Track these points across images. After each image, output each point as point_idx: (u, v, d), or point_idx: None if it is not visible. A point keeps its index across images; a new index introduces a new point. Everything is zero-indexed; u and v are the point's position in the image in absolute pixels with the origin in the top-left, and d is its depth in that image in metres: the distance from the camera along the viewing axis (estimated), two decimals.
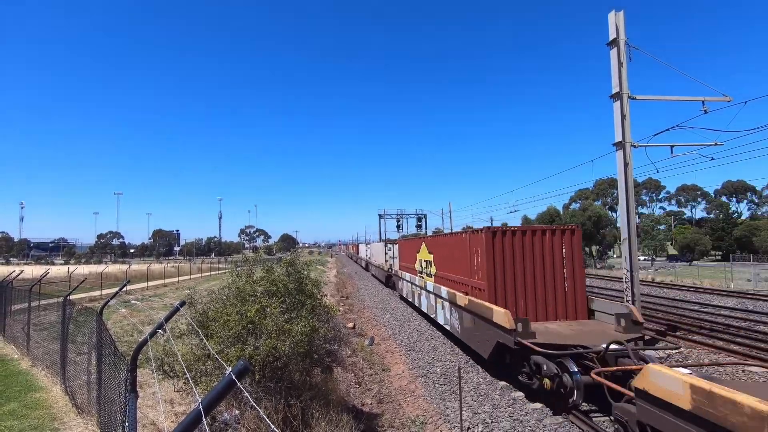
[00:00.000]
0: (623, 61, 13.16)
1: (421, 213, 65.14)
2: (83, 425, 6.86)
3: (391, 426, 8.52)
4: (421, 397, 9.97)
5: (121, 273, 41.70)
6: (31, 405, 8.10)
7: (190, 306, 7.66)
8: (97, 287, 29.56)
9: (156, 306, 22.10)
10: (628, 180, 13.06)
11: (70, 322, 8.62)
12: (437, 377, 11.11)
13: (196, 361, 6.70)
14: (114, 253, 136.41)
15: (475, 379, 10.71)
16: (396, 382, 11.27)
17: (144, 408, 7.33)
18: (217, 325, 6.80)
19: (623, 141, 13.05)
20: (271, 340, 6.47)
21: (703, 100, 13.62)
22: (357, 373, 11.67)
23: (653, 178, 55.70)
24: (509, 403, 8.98)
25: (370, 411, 9.23)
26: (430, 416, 8.86)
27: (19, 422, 7.25)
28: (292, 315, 7.27)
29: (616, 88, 13.21)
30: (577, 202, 66.05)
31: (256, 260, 9.86)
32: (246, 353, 6.24)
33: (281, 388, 6.82)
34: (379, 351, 14.38)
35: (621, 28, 13.13)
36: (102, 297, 25.96)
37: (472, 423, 8.20)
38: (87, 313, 8.25)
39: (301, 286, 8.35)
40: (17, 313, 14.44)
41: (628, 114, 13.12)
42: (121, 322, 17.10)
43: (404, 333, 16.49)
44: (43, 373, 10.08)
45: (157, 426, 6.69)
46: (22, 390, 9.02)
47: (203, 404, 1.65)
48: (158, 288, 35.19)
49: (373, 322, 19.53)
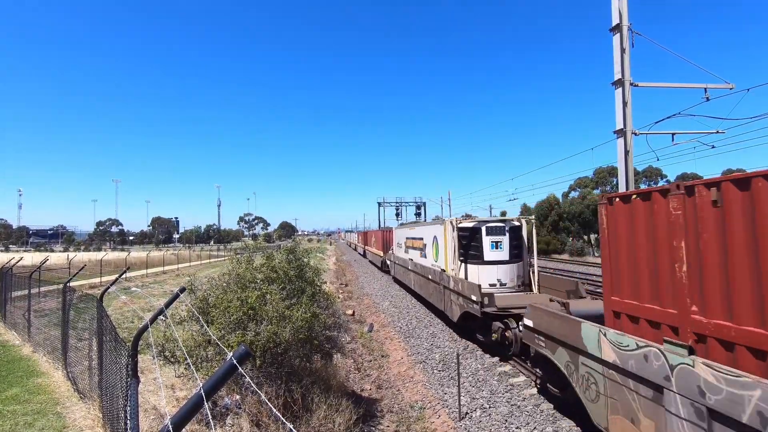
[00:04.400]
0: (626, 47, 13.00)
1: (420, 201, 65.01)
2: (85, 410, 6.92)
3: (390, 411, 8.62)
4: (419, 382, 10.08)
5: (121, 260, 41.77)
6: (33, 390, 8.17)
7: (191, 293, 7.68)
8: (96, 274, 29.66)
9: (156, 293, 22.19)
10: (629, 168, 13.00)
11: (71, 308, 8.63)
12: (436, 363, 11.21)
13: (196, 347, 6.74)
14: (113, 241, 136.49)
15: (473, 365, 10.81)
16: (395, 368, 11.38)
17: (145, 393, 7.38)
18: (218, 312, 6.83)
19: (624, 128, 12.95)
20: (272, 326, 6.50)
21: (705, 87, 13.48)
22: (356, 359, 11.77)
23: (654, 166, 55.32)
24: (507, 389, 9.07)
25: (369, 396, 9.33)
26: (429, 401, 8.96)
27: (22, 407, 7.32)
28: (292, 301, 7.30)
29: (618, 75, 13.06)
30: (576, 190, 65.78)
31: (256, 247, 9.86)
32: (247, 339, 6.28)
33: (282, 373, 6.88)
34: (378, 337, 14.49)
35: (624, 14, 12.94)
36: (102, 284, 26.03)
37: (471, 408, 8.30)
38: (87, 299, 8.26)
39: (302, 273, 8.37)
40: (17, 300, 14.50)
41: (629, 101, 13.00)
42: (121, 308, 17.18)
43: (403, 320, 16.60)
44: (44, 359, 10.14)
45: (158, 411, 6.75)
46: (24, 375, 9.09)
47: (204, 389, 1.65)
48: (158, 275, 35.28)
49: (372, 309, 19.64)
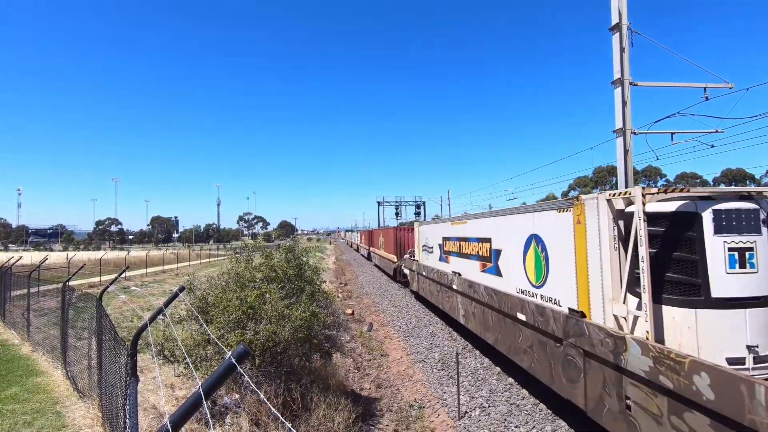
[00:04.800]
0: (625, 46, 12.99)
1: (419, 200, 65.01)
2: (85, 409, 6.92)
3: (389, 410, 8.63)
4: (419, 381, 10.09)
5: (120, 259, 41.75)
6: (32, 389, 8.17)
7: (190, 292, 7.68)
8: (96, 274, 29.65)
9: (155, 292, 22.18)
10: (628, 167, 13.00)
11: (70, 307, 8.63)
12: (435, 362, 11.22)
13: (195, 346, 6.75)
14: (112, 240, 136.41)
15: (472, 364, 10.82)
16: (394, 368, 11.39)
17: (144, 392, 7.39)
18: (217, 311, 6.83)
19: (624, 128, 12.95)
20: (271, 325, 6.51)
21: (705, 87, 13.47)
22: (356, 358, 11.78)
23: (653, 166, 55.41)
24: (506, 388, 9.09)
25: (368, 395, 9.34)
26: (428, 400, 8.97)
27: (22, 406, 7.32)
28: (291, 301, 7.30)
29: (618, 74, 13.05)
30: (576, 189, 65.91)
31: (255, 247, 9.86)
32: (246, 338, 6.28)
33: (281, 372, 6.89)
34: (377, 337, 14.50)
35: (623, 13, 12.92)
36: (101, 283, 26.02)
37: (470, 407, 8.31)
38: (87, 298, 8.26)
39: (301, 273, 8.38)
40: (17, 299, 14.48)
41: (629, 100, 12.99)
42: (120, 308, 17.16)
43: (403, 319, 16.61)
44: (43, 358, 10.14)
45: (157, 410, 6.75)
46: (23, 375, 9.09)
47: (203, 388, 1.65)
48: (157, 274, 35.27)
49: (372, 309, 19.64)
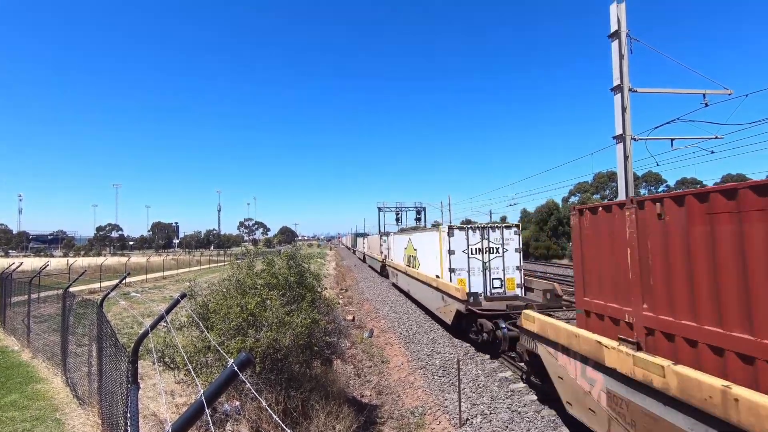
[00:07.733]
0: (624, 53, 13.10)
1: (420, 206, 65.07)
2: (84, 416, 6.90)
3: (390, 417, 8.58)
4: (420, 388, 10.04)
5: (121, 265, 41.73)
6: (32, 396, 8.14)
7: (191, 298, 7.68)
8: (96, 280, 29.61)
9: (156, 298, 22.15)
10: (628, 173, 13.05)
11: (71, 313, 8.63)
12: (436, 369, 11.17)
13: (196, 353, 6.74)
14: (113, 246, 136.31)
15: (473, 371, 10.78)
16: (395, 374, 11.34)
17: (145, 399, 7.37)
18: (218, 317, 6.82)
19: (623, 134, 13.02)
20: (272, 332, 6.50)
21: (704, 93, 13.57)
22: (356, 365, 11.74)
23: (653, 171, 55.44)
24: (508, 395, 9.04)
25: (369, 402, 9.30)
26: (429, 407, 8.92)
27: (21, 413, 7.29)
28: (292, 307, 7.29)
29: (617, 81, 13.16)
30: (576, 195, 65.82)
31: (256, 253, 9.87)
32: (247, 345, 6.27)
33: (282, 379, 6.86)
34: (378, 343, 14.46)
35: (622, 20, 13.04)
36: (102, 289, 26.00)
37: (471, 414, 8.26)
38: (87, 304, 8.26)
39: (302, 279, 8.37)
40: (17, 305, 14.47)
41: (628, 107, 13.07)
42: (121, 314, 17.14)
43: (403, 325, 16.56)
44: (43, 364, 10.11)
45: (158, 417, 6.73)
46: (23, 381, 9.06)
47: (205, 395, 1.65)
48: (158, 280, 35.23)
49: (372, 315, 19.60)
